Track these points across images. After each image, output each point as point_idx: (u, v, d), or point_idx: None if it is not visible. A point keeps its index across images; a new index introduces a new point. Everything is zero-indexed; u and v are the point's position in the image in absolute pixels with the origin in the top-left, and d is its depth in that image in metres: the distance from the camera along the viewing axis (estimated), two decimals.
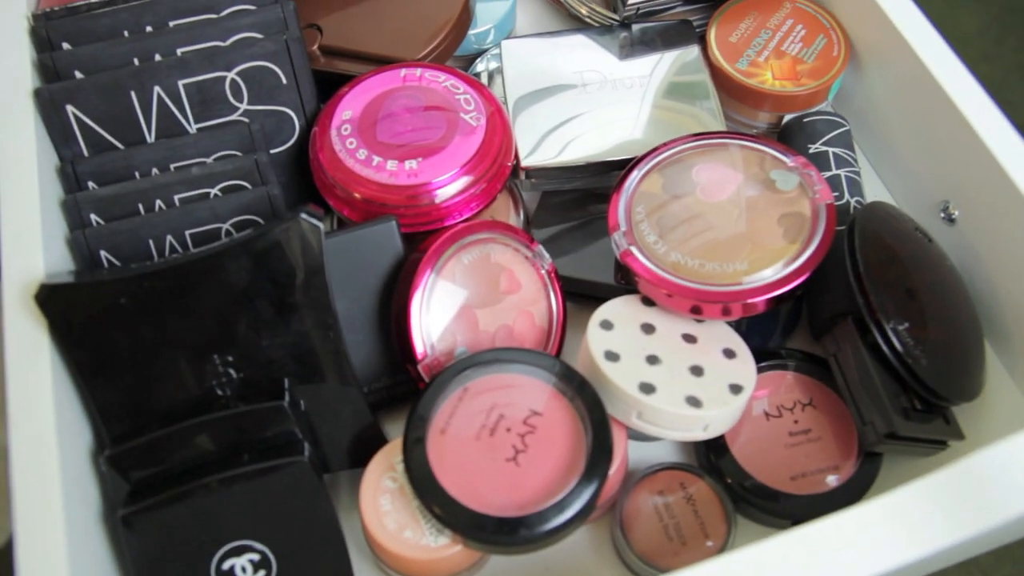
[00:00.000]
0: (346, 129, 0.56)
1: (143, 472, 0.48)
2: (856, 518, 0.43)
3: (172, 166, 0.55)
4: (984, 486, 0.43)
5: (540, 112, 0.61)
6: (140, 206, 0.54)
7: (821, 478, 0.52)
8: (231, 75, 0.56)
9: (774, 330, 0.59)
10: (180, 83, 0.56)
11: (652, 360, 0.51)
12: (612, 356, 0.51)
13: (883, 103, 0.62)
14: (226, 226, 0.54)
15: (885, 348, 0.51)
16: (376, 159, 0.55)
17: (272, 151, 0.59)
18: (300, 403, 0.51)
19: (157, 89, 0.55)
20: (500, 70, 0.65)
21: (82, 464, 0.48)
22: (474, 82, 0.59)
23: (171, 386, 0.49)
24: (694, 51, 0.64)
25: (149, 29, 0.57)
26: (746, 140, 0.57)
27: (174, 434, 0.48)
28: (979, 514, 0.42)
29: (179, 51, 0.56)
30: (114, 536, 0.48)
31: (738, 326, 0.55)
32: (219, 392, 0.50)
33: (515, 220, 0.61)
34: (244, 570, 0.48)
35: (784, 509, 0.51)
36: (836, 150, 0.60)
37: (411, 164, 0.55)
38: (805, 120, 0.62)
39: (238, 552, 0.48)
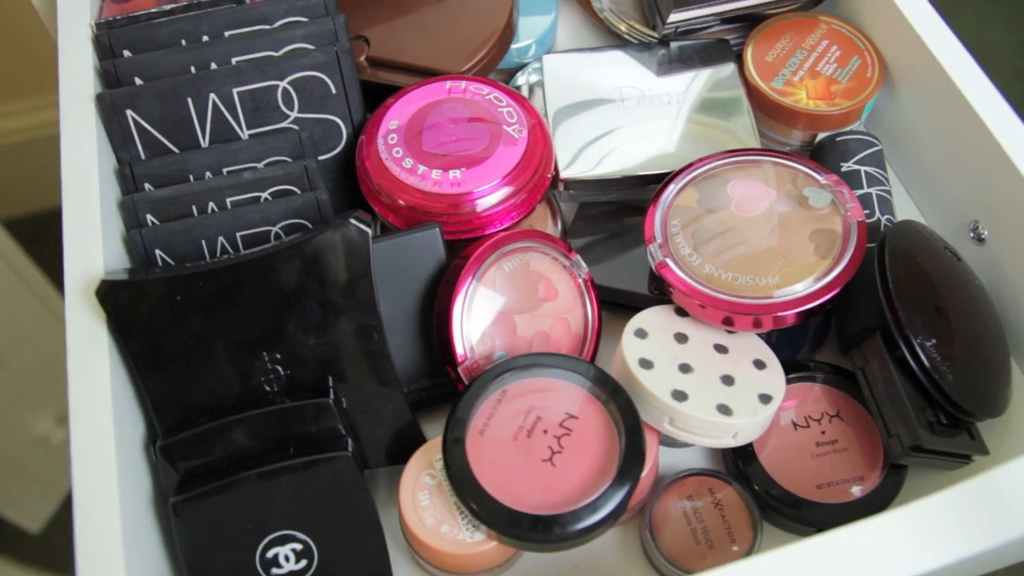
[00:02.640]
0: (392, 138, 0.59)
1: (193, 462, 0.50)
2: (880, 526, 0.44)
3: (225, 170, 0.58)
4: (1006, 499, 0.44)
5: (579, 125, 0.63)
6: (194, 208, 0.56)
7: (846, 488, 0.54)
8: (283, 84, 0.59)
9: (803, 343, 0.60)
10: (234, 91, 0.58)
11: (685, 368, 0.53)
12: (646, 364, 0.52)
13: (915, 123, 0.64)
14: (275, 229, 0.56)
15: (912, 363, 0.52)
16: (421, 168, 0.57)
17: (320, 158, 0.61)
18: (343, 401, 0.53)
19: (212, 96, 0.58)
20: (541, 83, 0.67)
21: (135, 453, 0.50)
22: (516, 95, 0.61)
23: (221, 381, 0.51)
24: (731, 69, 0.65)
25: (205, 39, 0.60)
26: (780, 157, 0.59)
27: (223, 427, 0.50)
28: (1000, 526, 0.43)
29: (234, 60, 0.59)
30: (165, 522, 0.51)
31: (768, 338, 0.57)
32: (267, 388, 0.52)
33: (553, 230, 0.63)
34: (287, 559, 0.50)
35: (809, 517, 0.53)
36: (868, 169, 0.62)
37: (455, 174, 0.57)
38: (838, 139, 0.63)
39: (282, 541, 0.50)
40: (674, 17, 0.64)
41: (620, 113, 0.64)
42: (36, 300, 1.12)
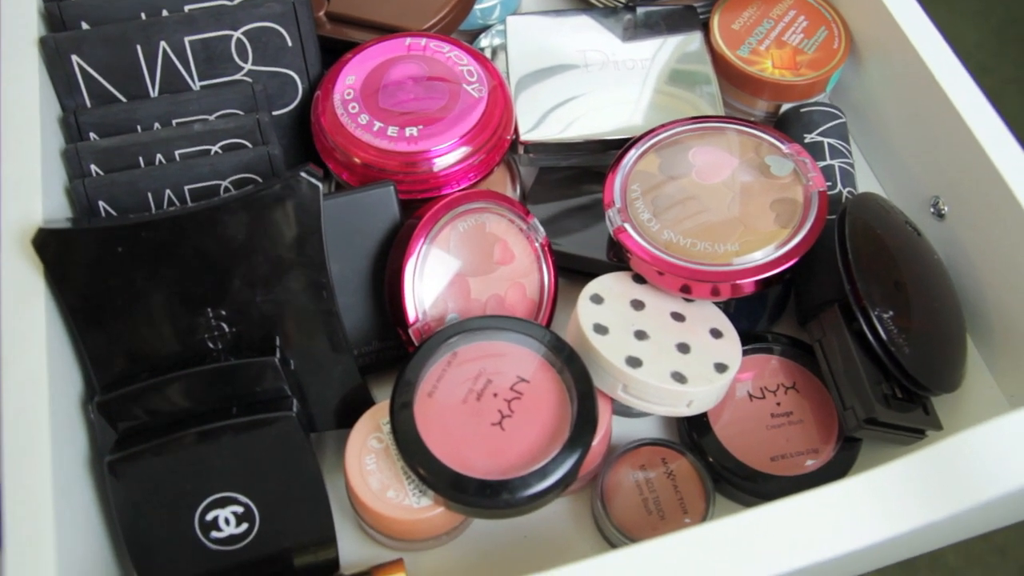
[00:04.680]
0: (349, 94, 0.57)
1: (131, 420, 0.48)
2: (833, 495, 0.43)
3: (174, 121, 0.56)
4: (959, 468, 0.43)
5: (542, 89, 0.62)
6: (140, 159, 0.54)
7: (801, 460, 0.53)
8: (237, 34, 0.57)
9: (761, 314, 0.60)
10: (186, 39, 0.56)
11: (640, 335, 0.52)
12: (601, 329, 0.51)
13: (880, 97, 0.63)
14: (225, 183, 0.55)
15: (869, 335, 0.51)
16: (377, 124, 0.56)
17: (274, 113, 0.59)
18: (290, 361, 0.51)
19: (163, 44, 0.56)
20: (504, 46, 0.66)
21: (72, 410, 0.48)
22: (477, 55, 0.59)
23: (163, 337, 0.50)
24: (697, 37, 0.64)
25: None
26: (743, 125, 0.58)
27: (164, 384, 0.48)
28: (953, 496, 0.43)
29: (187, 8, 0.57)
30: (100, 482, 0.49)
31: (726, 308, 0.56)
32: (210, 345, 0.50)
33: (511, 194, 0.61)
34: (227, 521, 0.48)
35: (763, 489, 0.52)
36: (831, 141, 0.61)
37: (411, 131, 0.55)
38: (802, 110, 0.62)
39: (222, 504, 0.48)
40: None
41: (584, 78, 0.62)
42: None
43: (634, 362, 0.50)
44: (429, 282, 0.53)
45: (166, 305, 0.49)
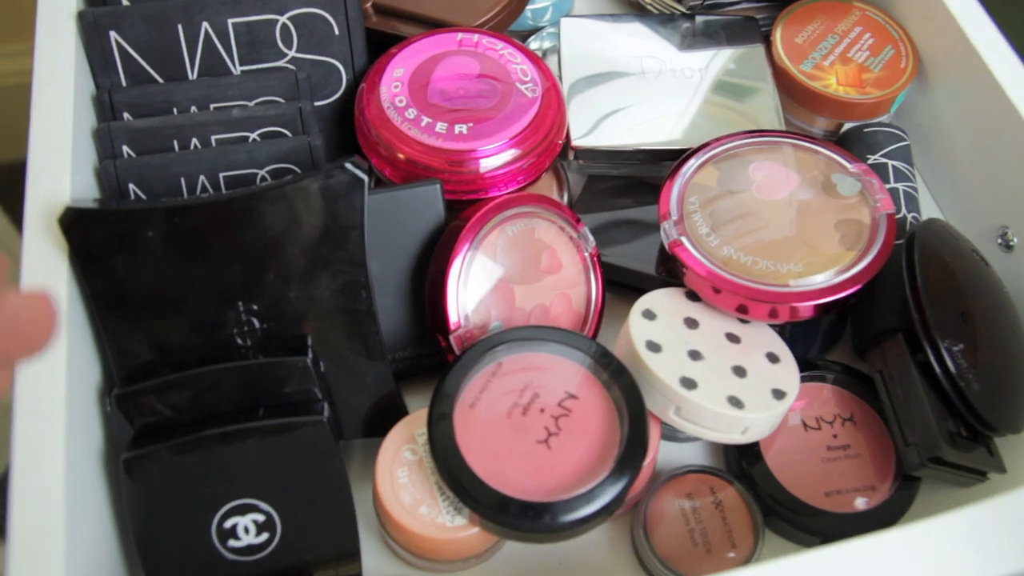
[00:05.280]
0: (396, 87, 0.54)
1: (151, 416, 0.46)
2: (891, 542, 0.40)
3: (212, 106, 0.53)
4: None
5: (595, 95, 0.59)
6: (175, 143, 0.52)
7: (856, 497, 0.50)
8: (283, 19, 0.54)
9: (814, 341, 0.57)
10: (230, 21, 0.53)
11: (694, 355, 0.49)
12: (654, 347, 0.48)
13: (947, 119, 0.60)
14: (262, 172, 0.52)
15: (937, 368, 0.48)
16: (425, 120, 0.53)
17: (316, 103, 0.56)
18: (321, 362, 0.48)
19: (205, 25, 0.53)
20: (556, 49, 0.63)
21: (88, 401, 0.45)
22: (532, 55, 0.57)
23: (190, 329, 0.47)
24: (758, 49, 0.62)
25: None
26: (807, 141, 0.55)
27: (188, 379, 0.45)
28: (1014, 554, 0.40)
29: None
30: (113, 479, 0.46)
31: (781, 332, 0.53)
32: (239, 341, 0.47)
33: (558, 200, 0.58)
34: (247, 530, 0.45)
35: (816, 526, 0.49)
36: (896, 163, 0.58)
37: (461, 128, 0.53)
38: (866, 130, 0.59)
39: (242, 511, 0.45)
40: None
41: (639, 86, 0.60)
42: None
43: (689, 383, 0.47)
44: (473, 287, 0.50)
45: (195, 296, 0.46)
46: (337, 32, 0.55)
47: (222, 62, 0.54)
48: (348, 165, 0.46)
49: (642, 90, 0.59)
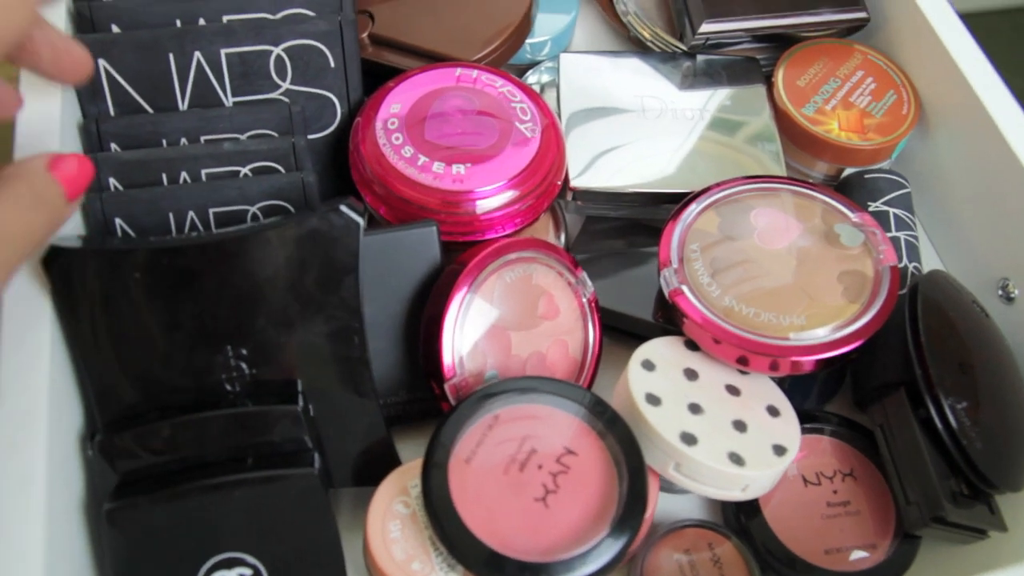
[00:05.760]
0: (393, 123, 0.53)
1: (134, 464, 0.44)
2: None
3: (203, 138, 0.52)
4: None
5: (594, 132, 0.58)
6: (164, 176, 0.50)
7: (856, 555, 0.49)
8: (277, 50, 0.53)
9: (811, 392, 0.56)
10: (223, 51, 0.52)
11: (694, 409, 0.48)
12: (653, 400, 0.47)
13: (947, 167, 0.60)
14: (253, 209, 0.50)
15: (940, 426, 0.48)
16: (422, 158, 0.52)
17: (309, 136, 0.55)
18: (310, 408, 0.47)
19: (198, 54, 0.52)
20: (553, 84, 0.62)
21: (70, 447, 0.43)
22: (531, 92, 0.56)
23: (177, 374, 0.45)
24: (760, 90, 0.61)
25: None
26: (809, 188, 0.54)
27: (173, 426, 0.44)
28: None
29: (225, 18, 0.53)
30: (94, 529, 0.44)
31: (780, 384, 0.52)
32: (227, 387, 0.46)
33: (554, 241, 0.57)
34: None
35: None
36: (897, 211, 0.57)
37: (459, 168, 0.51)
38: (867, 176, 0.59)
39: (228, 565, 0.44)
40: (706, 28, 0.59)
41: (639, 124, 0.59)
42: None
43: (689, 439, 0.46)
44: (469, 334, 0.49)
45: (182, 339, 0.45)
46: (333, 64, 0.54)
47: (214, 93, 0.53)
48: (343, 208, 0.45)
49: (641, 128, 0.58)
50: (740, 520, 0.50)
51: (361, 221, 0.45)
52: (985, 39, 0.59)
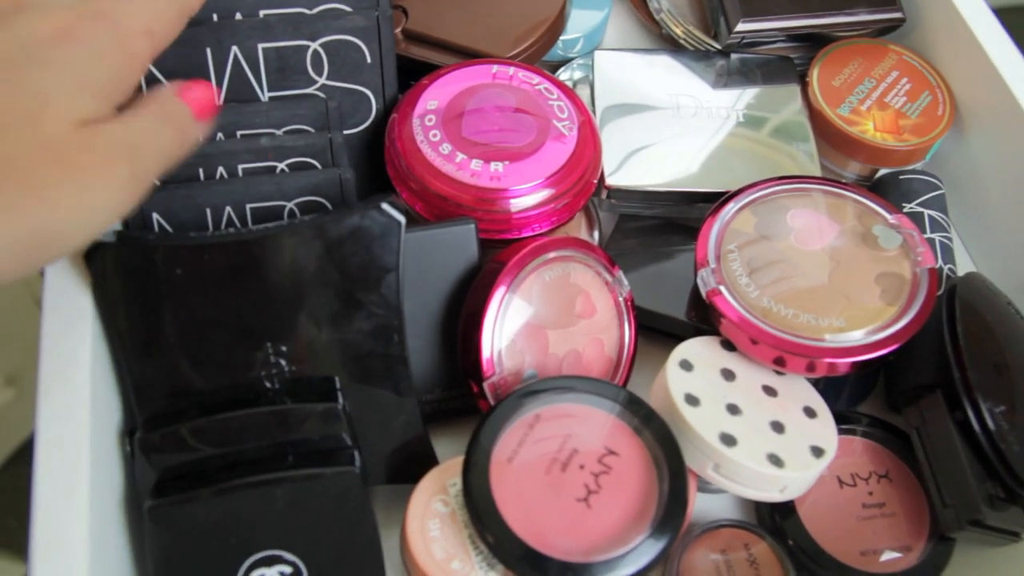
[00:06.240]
0: (430, 120, 0.53)
1: (174, 461, 0.44)
2: None
3: (239, 133, 0.51)
4: None
5: (628, 130, 0.58)
6: (200, 171, 0.50)
7: (891, 557, 0.49)
8: (314, 45, 0.52)
9: (841, 393, 0.56)
10: (260, 46, 0.52)
11: (733, 410, 0.48)
12: (692, 400, 0.47)
13: (982, 168, 0.60)
14: (290, 205, 0.50)
15: (977, 429, 0.48)
16: (460, 156, 0.51)
17: (345, 132, 0.55)
18: (346, 405, 0.47)
19: (235, 49, 0.51)
20: (586, 80, 0.62)
21: (111, 444, 0.43)
22: (567, 89, 0.55)
23: (216, 370, 0.45)
24: (794, 89, 0.61)
25: None
26: (845, 189, 0.54)
27: (213, 424, 0.44)
28: None
29: (262, 13, 0.52)
30: (134, 523, 0.44)
31: (815, 384, 0.52)
32: (267, 384, 0.46)
33: (588, 239, 0.57)
34: None
35: None
36: (932, 212, 0.57)
37: (496, 166, 0.51)
38: (902, 177, 0.59)
39: (269, 562, 0.44)
40: (742, 27, 0.59)
41: (674, 122, 0.58)
42: None
43: (729, 440, 0.46)
44: (508, 333, 0.48)
45: (223, 336, 0.45)
46: (369, 60, 0.54)
47: (250, 87, 0.53)
48: (385, 206, 0.45)
49: (676, 126, 0.58)
50: (775, 520, 0.50)
51: (402, 219, 0.45)
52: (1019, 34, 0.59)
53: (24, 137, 0.33)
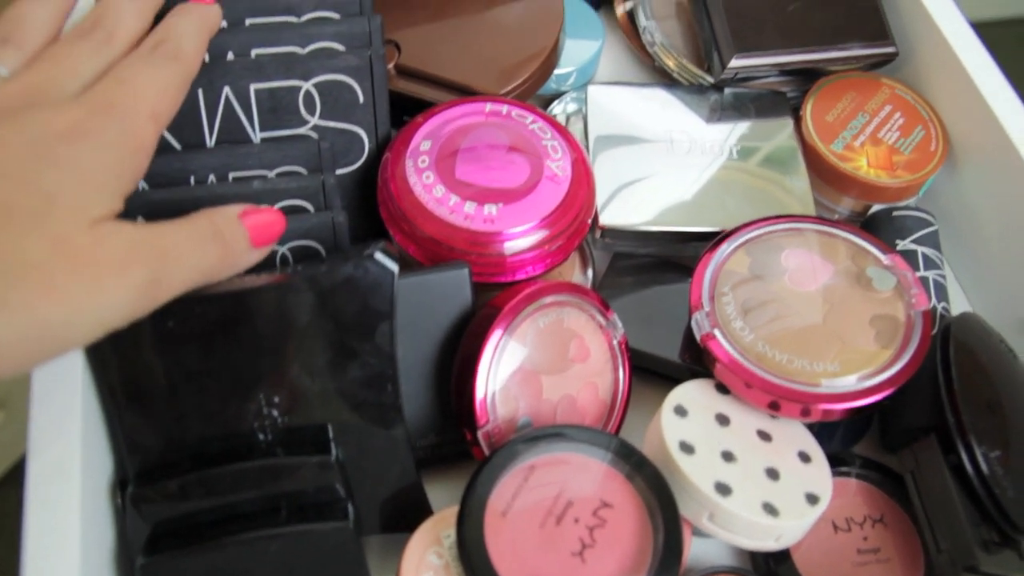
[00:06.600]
0: (423, 161, 0.52)
1: (167, 515, 0.43)
2: None
3: (232, 175, 0.51)
4: None
5: (621, 167, 0.58)
6: None
7: None
8: (307, 85, 0.52)
9: (835, 434, 0.56)
10: (252, 87, 0.51)
11: (727, 457, 0.47)
12: (687, 448, 0.47)
13: (975, 204, 0.60)
14: (283, 250, 0.50)
15: (972, 473, 0.47)
16: (454, 198, 0.51)
17: (337, 171, 0.54)
18: (341, 455, 0.46)
19: (227, 90, 0.51)
20: (579, 114, 0.62)
21: (102, 499, 0.43)
22: (561, 128, 0.55)
23: (208, 423, 0.45)
24: (787, 124, 0.61)
25: (224, 24, 0.53)
26: (839, 229, 0.54)
27: (206, 478, 0.43)
28: None
29: (254, 52, 0.52)
30: None
31: (809, 425, 0.52)
32: (260, 436, 0.45)
33: (581, 278, 0.57)
34: None
35: None
36: (925, 250, 0.57)
37: (490, 209, 0.51)
38: (895, 214, 0.59)
39: None
40: (735, 63, 0.59)
41: (667, 159, 0.58)
42: None
43: (723, 489, 0.46)
44: (502, 379, 0.48)
45: (215, 388, 0.44)
46: (362, 100, 0.53)
47: (242, 128, 0.52)
48: (378, 255, 0.45)
49: (670, 163, 0.58)
50: (769, 566, 0.50)
51: (395, 268, 0.45)
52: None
53: (36, 235, 0.33)
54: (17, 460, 1.10)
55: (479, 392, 0.47)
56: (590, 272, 0.57)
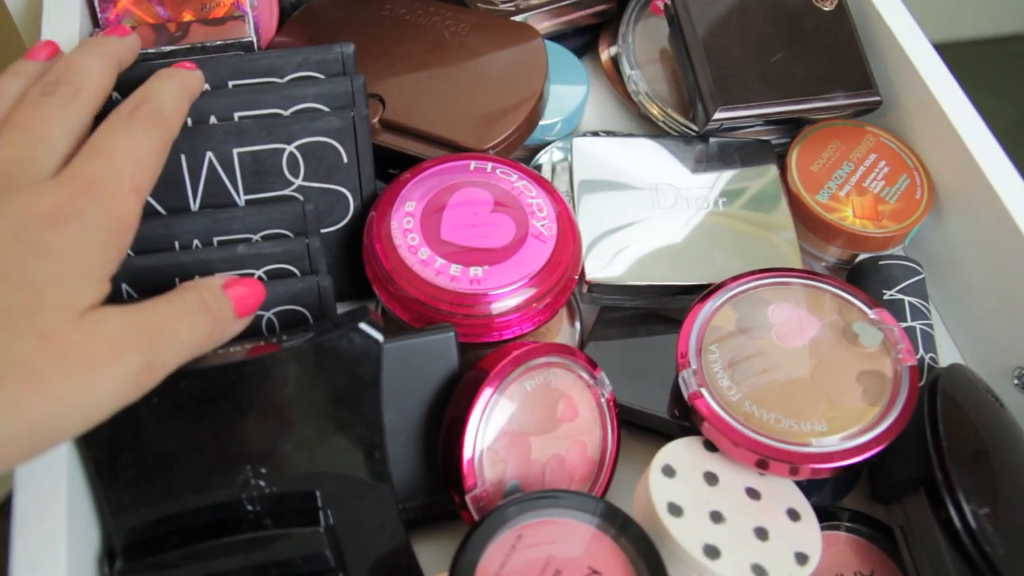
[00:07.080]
0: (408, 222, 0.52)
1: None
2: None
3: (216, 240, 0.51)
4: None
5: (608, 220, 0.58)
6: (177, 280, 0.49)
7: None
8: (290, 148, 0.52)
9: (824, 486, 0.56)
10: (235, 151, 0.51)
11: (716, 517, 0.47)
12: (675, 510, 0.47)
13: (961, 253, 0.60)
14: (268, 315, 0.50)
15: (961, 529, 0.48)
16: (439, 261, 0.51)
17: (322, 231, 0.54)
18: (330, 517, 0.46)
19: (210, 155, 0.51)
20: (563, 163, 0.62)
21: (87, 572, 0.43)
22: (546, 184, 0.55)
23: (195, 496, 0.45)
24: (772, 173, 0.61)
25: (207, 87, 0.53)
26: (826, 282, 0.54)
27: (196, 553, 0.43)
28: None
29: (236, 115, 0.52)
30: None
31: (797, 480, 0.52)
32: (248, 507, 0.45)
33: (569, 332, 0.57)
34: None
35: None
36: (912, 299, 0.57)
37: (476, 271, 0.51)
38: (881, 263, 0.59)
39: None
40: (720, 115, 0.59)
41: (654, 212, 0.58)
42: None
43: (712, 552, 0.46)
44: (490, 443, 0.48)
45: (201, 461, 0.44)
46: (346, 160, 0.54)
47: (226, 191, 0.52)
48: (364, 326, 0.45)
49: (656, 216, 0.58)
50: None
51: (381, 338, 0.45)
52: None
53: (23, 330, 0.33)
54: (5, 496, 1.10)
55: (466, 455, 0.47)
56: (578, 325, 0.57)
